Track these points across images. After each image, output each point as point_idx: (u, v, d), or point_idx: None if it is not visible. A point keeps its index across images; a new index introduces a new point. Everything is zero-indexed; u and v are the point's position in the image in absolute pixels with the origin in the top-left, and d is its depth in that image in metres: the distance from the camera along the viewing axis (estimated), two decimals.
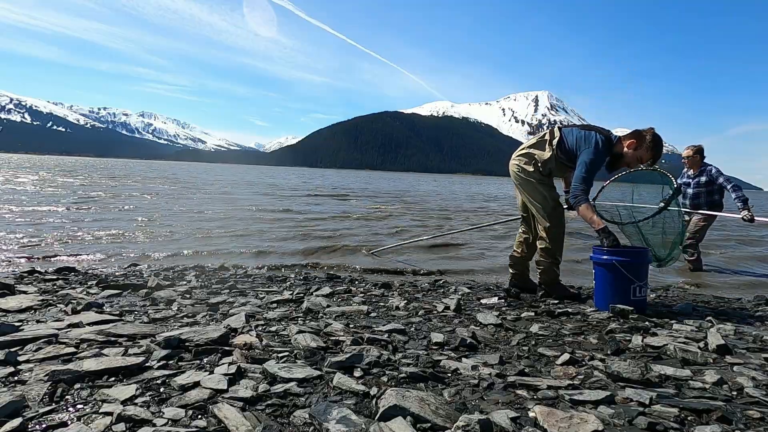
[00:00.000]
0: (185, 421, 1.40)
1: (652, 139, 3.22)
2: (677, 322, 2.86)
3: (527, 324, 2.77)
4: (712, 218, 5.75)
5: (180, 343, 2.01)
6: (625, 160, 3.32)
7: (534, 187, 3.44)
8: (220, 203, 12.82)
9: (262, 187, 22.81)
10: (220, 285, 3.68)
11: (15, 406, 1.40)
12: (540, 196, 3.43)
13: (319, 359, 1.96)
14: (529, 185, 3.46)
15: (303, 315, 2.76)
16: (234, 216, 9.70)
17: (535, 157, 3.45)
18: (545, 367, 2.04)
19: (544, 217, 3.42)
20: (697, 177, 5.76)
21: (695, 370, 2.03)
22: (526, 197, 3.51)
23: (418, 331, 2.52)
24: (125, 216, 8.92)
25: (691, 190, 5.79)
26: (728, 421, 1.52)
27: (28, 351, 1.91)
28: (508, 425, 1.42)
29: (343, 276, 4.46)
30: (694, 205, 5.76)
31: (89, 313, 2.57)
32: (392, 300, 3.32)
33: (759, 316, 3.26)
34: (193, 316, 2.65)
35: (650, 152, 3.25)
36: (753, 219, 5.06)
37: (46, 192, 13.95)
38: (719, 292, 4.40)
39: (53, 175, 25.65)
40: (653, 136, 3.23)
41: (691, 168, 5.88)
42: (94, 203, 11.18)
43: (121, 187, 17.63)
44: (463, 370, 1.92)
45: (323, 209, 12.66)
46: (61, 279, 3.71)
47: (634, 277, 3.06)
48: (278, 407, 1.51)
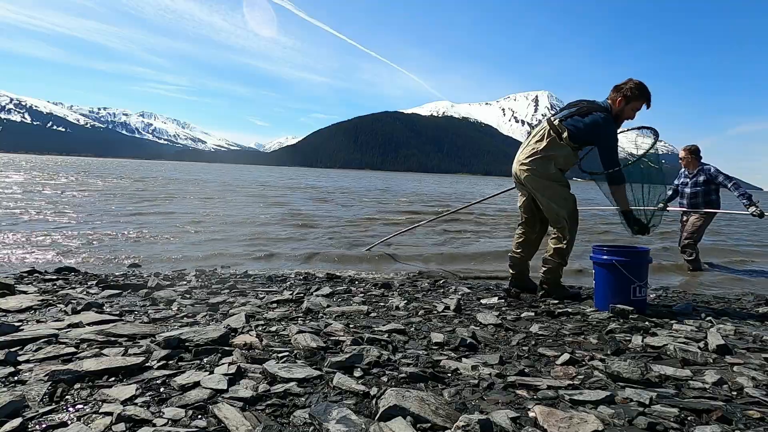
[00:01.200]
0: (185, 421, 1.40)
1: (635, 87, 3.32)
2: (677, 322, 2.86)
3: (527, 324, 2.77)
4: (710, 217, 5.72)
5: (180, 343, 2.01)
6: (624, 116, 3.39)
7: (555, 189, 3.41)
8: (222, 203, 12.82)
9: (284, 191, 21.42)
10: (220, 285, 3.68)
11: (15, 406, 1.40)
12: (561, 199, 3.40)
13: (319, 359, 1.96)
14: (550, 188, 3.41)
15: (303, 315, 2.76)
16: (237, 217, 9.70)
17: (554, 157, 3.38)
18: (545, 367, 2.03)
19: (565, 218, 3.40)
20: (695, 176, 5.73)
21: (695, 370, 2.03)
22: (544, 200, 3.44)
23: (418, 331, 2.52)
24: (125, 216, 8.92)
25: (689, 189, 5.75)
26: (728, 421, 1.52)
27: (28, 351, 1.91)
28: (508, 425, 1.42)
29: (343, 276, 4.46)
30: (691, 204, 5.73)
31: (89, 313, 2.56)
32: (392, 300, 3.32)
33: (759, 316, 3.26)
34: (193, 316, 2.65)
35: (641, 98, 3.33)
36: (763, 214, 5.03)
37: (46, 191, 13.95)
38: (719, 292, 4.40)
39: (58, 175, 25.67)
40: (634, 83, 3.32)
41: (688, 168, 5.85)
42: (94, 203, 11.18)
43: (122, 188, 17.64)
44: (463, 370, 1.92)
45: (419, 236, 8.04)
46: (61, 279, 3.71)
47: (634, 277, 3.07)
48: (278, 407, 1.51)
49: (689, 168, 5.84)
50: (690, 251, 5.69)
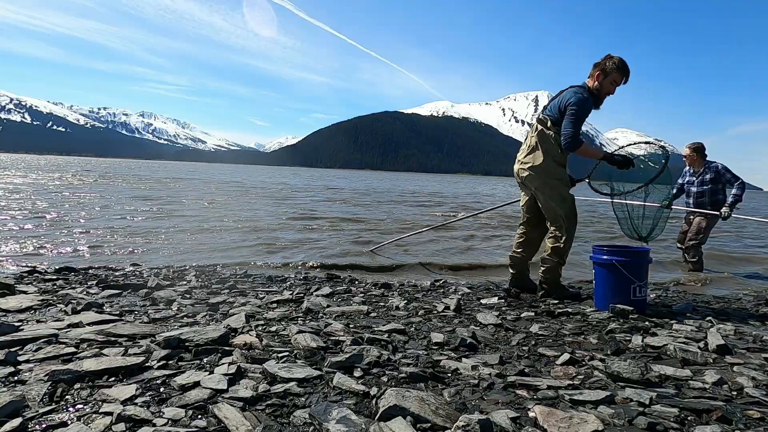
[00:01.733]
0: (185, 421, 1.40)
1: (615, 62, 3.33)
2: (677, 322, 2.86)
3: (527, 324, 2.77)
4: (716, 219, 5.54)
5: (180, 343, 2.01)
6: (604, 91, 3.40)
7: (554, 187, 3.45)
8: (228, 202, 12.82)
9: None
10: (220, 285, 3.68)
11: (15, 406, 1.40)
12: (559, 198, 3.44)
13: (319, 359, 1.96)
14: (549, 186, 3.45)
15: (303, 315, 2.76)
16: (238, 216, 9.70)
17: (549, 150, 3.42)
18: (545, 367, 2.04)
19: (563, 217, 3.43)
20: (702, 175, 5.54)
21: (695, 370, 2.03)
22: (544, 199, 3.47)
23: (418, 331, 2.52)
24: (125, 216, 8.92)
25: (695, 188, 5.58)
26: (728, 421, 1.52)
27: (28, 351, 1.91)
28: (508, 425, 1.42)
29: (343, 276, 4.46)
30: (698, 204, 5.55)
31: (89, 313, 2.57)
32: (392, 300, 3.32)
33: (759, 316, 3.26)
34: (193, 316, 2.65)
35: (619, 72, 3.35)
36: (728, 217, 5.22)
37: (49, 192, 13.95)
38: (719, 292, 4.40)
39: (67, 176, 25.66)
40: (612, 59, 3.34)
41: (693, 166, 5.67)
42: (94, 204, 11.18)
43: (123, 188, 17.64)
44: (463, 370, 1.92)
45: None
46: (61, 279, 3.71)
47: (634, 277, 3.07)
48: (278, 407, 1.51)
49: (694, 166, 5.65)
50: (693, 252, 5.59)
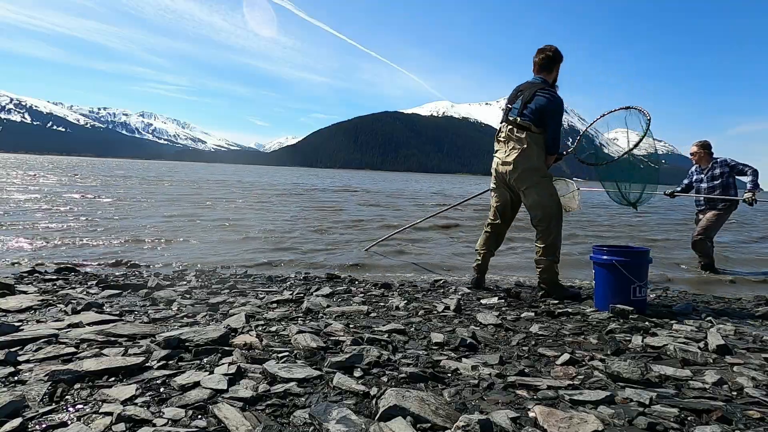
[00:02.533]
0: (185, 421, 1.40)
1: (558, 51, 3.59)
2: (677, 322, 2.86)
3: (527, 324, 2.77)
4: (727, 213, 5.43)
5: (180, 343, 2.01)
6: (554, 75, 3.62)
7: (545, 187, 3.52)
8: (225, 204, 12.82)
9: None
10: (220, 285, 3.68)
11: (15, 406, 1.40)
12: (548, 195, 3.51)
13: (319, 359, 1.96)
14: (543, 187, 3.51)
15: (303, 315, 2.76)
16: (239, 217, 9.70)
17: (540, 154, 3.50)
18: (545, 367, 2.04)
19: (551, 215, 3.48)
20: (711, 170, 5.47)
21: (695, 370, 2.03)
22: (535, 197, 3.50)
23: (418, 331, 2.52)
24: (125, 216, 8.92)
25: (705, 184, 5.50)
26: (728, 421, 1.52)
27: (28, 351, 1.91)
28: (508, 425, 1.42)
29: (343, 276, 4.46)
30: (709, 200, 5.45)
31: (89, 313, 2.57)
32: (392, 300, 3.32)
33: (759, 316, 3.26)
34: (193, 316, 2.65)
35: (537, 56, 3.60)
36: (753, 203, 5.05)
37: (50, 191, 13.95)
38: (719, 292, 4.40)
39: (69, 175, 25.67)
40: (557, 49, 3.60)
41: (700, 163, 5.62)
42: (94, 204, 11.18)
43: (122, 188, 17.64)
44: (463, 370, 1.92)
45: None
46: (61, 279, 3.71)
47: (634, 277, 3.07)
48: (278, 407, 1.51)
49: (701, 163, 5.60)
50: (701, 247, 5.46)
